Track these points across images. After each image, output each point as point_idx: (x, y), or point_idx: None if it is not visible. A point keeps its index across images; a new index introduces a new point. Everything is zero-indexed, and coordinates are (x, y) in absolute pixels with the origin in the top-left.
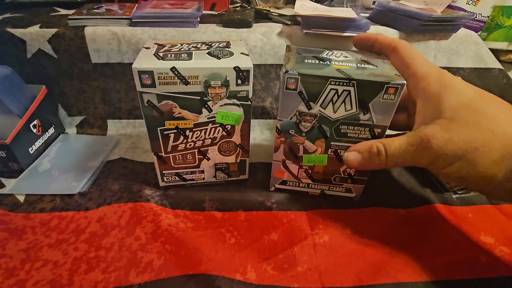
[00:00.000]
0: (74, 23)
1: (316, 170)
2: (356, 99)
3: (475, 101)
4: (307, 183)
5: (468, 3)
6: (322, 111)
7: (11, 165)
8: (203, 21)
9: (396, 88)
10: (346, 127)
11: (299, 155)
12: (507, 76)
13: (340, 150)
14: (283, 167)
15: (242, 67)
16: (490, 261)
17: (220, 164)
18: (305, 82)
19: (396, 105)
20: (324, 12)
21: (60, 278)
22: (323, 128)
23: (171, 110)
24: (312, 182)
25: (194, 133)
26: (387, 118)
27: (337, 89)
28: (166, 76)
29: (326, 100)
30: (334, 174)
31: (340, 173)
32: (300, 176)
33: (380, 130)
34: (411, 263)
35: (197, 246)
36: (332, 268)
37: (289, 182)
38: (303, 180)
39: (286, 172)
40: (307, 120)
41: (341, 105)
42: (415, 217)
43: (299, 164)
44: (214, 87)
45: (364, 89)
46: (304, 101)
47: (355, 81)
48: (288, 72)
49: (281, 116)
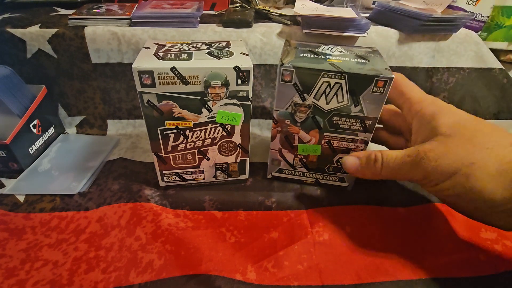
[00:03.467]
0: (74, 23)
1: (311, 159)
2: (348, 91)
3: (470, 121)
4: (302, 172)
5: (468, 3)
6: (315, 103)
7: (11, 165)
8: (203, 21)
9: (385, 81)
10: (339, 118)
11: (294, 145)
12: (508, 75)
13: (333, 140)
14: (279, 156)
15: (242, 67)
16: (490, 259)
17: (220, 164)
18: (299, 74)
19: (385, 98)
20: (324, 12)
21: (60, 278)
22: (316, 119)
23: (171, 110)
24: (307, 171)
25: (194, 133)
26: (377, 110)
27: (330, 81)
28: (166, 76)
29: (319, 92)
30: (327, 164)
31: (333, 163)
32: (295, 165)
33: (370, 122)
34: (411, 261)
35: (197, 245)
36: (332, 266)
37: (285, 171)
38: (299, 169)
39: (283, 161)
40: (302, 111)
41: (334, 97)
42: (414, 216)
43: (294, 153)
44: (214, 87)
45: (355, 82)
46: (299, 93)
47: (346, 74)
48: (283, 65)
49: (278, 107)
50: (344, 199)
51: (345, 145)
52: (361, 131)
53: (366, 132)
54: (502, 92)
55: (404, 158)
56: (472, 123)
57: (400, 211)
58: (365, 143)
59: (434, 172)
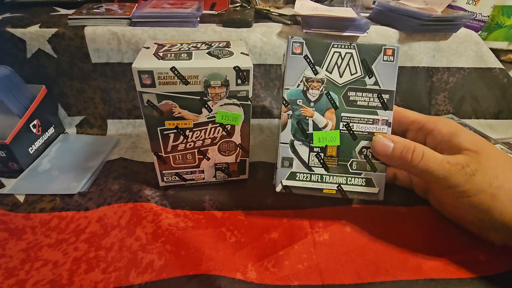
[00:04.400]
0: (74, 23)
1: (329, 152)
2: (359, 61)
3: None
4: (320, 175)
5: (468, 3)
6: (328, 76)
7: (11, 165)
8: (203, 20)
9: (393, 50)
10: (355, 93)
11: (308, 132)
12: (508, 75)
13: (352, 123)
14: (291, 151)
15: (242, 67)
16: (489, 259)
17: (220, 164)
18: (309, 46)
19: (397, 68)
20: (324, 12)
21: (60, 278)
22: (331, 95)
23: (171, 110)
24: (326, 172)
25: (194, 133)
26: (392, 81)
27: (340, 51)
28: (166, 76)
29: (331, 63)
30: (349, 158)
31: (356, 157)
32: (311, 164)
33: (388, 96)
34: (410, 261)
35: (197, 245)
36: (332, 266)
37: (298, 175)
38: (316, 171)
39: (295, 159)
40: (314, 86)
41: (346, 69)
42: (414, 215)
43: (309, 146)
44: (214, 87)
45: (364, 51)
46: (310, 65)
47: (356, 45)
48: (293, 37)
49: (288, 84)
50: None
51: (366, 129)
52: (380, 108)
53: (386, 109)
54: (502, 92)
55: (444, 163)
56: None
57: (400, 211)
58: (387, 124)
59: (466, 185)
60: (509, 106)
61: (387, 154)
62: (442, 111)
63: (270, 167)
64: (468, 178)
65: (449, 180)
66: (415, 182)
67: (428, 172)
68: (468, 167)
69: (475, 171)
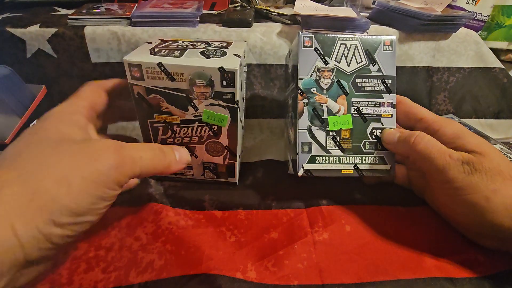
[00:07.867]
0: (74, 22)
1: (344, 135)
2: (363, 51)
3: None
4: (338, 156)
5: (468, 3)
6: (337, 65)
7: None
8: (203, 20)
9: (391, 41)
10: (361, 80)
11: (324, 118)
12: (508, 75)
13: (362, 107)
14: (309, 136)
15: (226, 68)
16: (489, 259)
17: (208, 163)
18: (318, 39)
19: (395, 56)
20: (324, 12)
21: (59, 277)
22: (341, 82)
23: (159, 104)
24: (343, 153)
25: (182, 129)
26: (392, 68)
27: (346, 43)
28: (153, 70)
29: (339, 54)
30: (362, 138)
31: (367, 137)
32: (328, 147)
33: (390, 81)
34: (411, 261)
35: (197, 244)
36: (332, 265)
37: (318, 158)
38: (333, 153)
39: (314, 144)
40: (326, 75)
41: (353, 58)
42: (414, 215)
43: (325, 130)
44: (199, 86)
45: (367, 43)
46: (320, 56)
47: (359, 38)
48: (303, 32)
49: (301, 74)
50: (344, 199)
51: (375, 111)
52: (385, 92)
53: (390, 93)
54: (503, 92)
55: (445, 155)
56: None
57: (400, 211)
58: (392, 105)
59: (462, 181)
60: (509, 106)
61: (394, 142)
62: (442, 111)
63: (271, 165)
64: (466, 176)
65: (447, 173)
66: (414, 181)
67: (429, 158)
68: (468, 165)
69: (475, 171)
